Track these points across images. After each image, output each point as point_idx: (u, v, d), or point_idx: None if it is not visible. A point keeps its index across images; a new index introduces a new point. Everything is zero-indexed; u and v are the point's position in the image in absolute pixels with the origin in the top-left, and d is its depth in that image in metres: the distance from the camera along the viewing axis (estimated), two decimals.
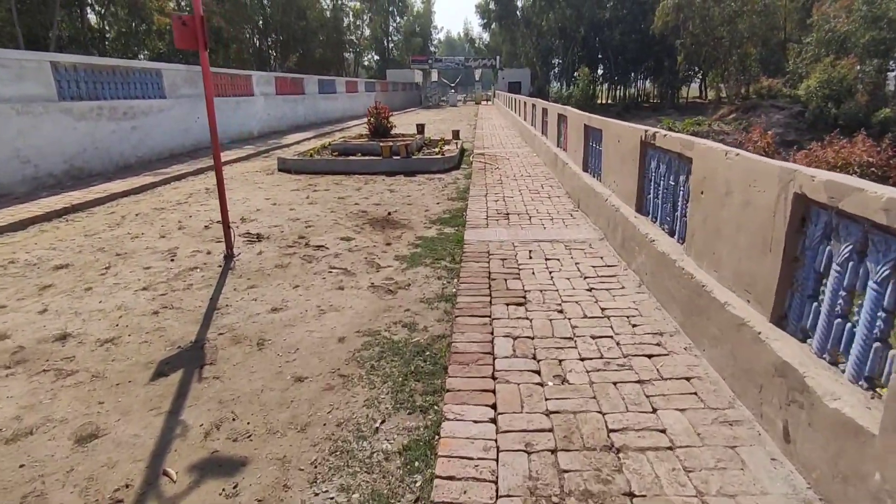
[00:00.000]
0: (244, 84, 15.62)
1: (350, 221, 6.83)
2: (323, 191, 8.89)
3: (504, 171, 10.24)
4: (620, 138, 5.16)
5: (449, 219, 6.81)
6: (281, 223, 6.77)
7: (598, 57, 54.19)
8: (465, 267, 4.82)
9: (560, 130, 9.45)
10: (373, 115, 12.34)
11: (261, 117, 16.66)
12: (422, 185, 9.34)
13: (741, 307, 2.70)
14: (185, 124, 12.30)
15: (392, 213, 7.24)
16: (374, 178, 10.00)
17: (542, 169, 10.23)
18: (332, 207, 7.63)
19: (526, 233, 5.86)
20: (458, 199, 7.99)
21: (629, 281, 4.35)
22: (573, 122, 7.94)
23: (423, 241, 5.88)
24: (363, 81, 31.72)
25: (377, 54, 60.60)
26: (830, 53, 30.08)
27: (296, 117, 19.96)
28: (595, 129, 6.46)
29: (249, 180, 9.94)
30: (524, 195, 7.94)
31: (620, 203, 5.11)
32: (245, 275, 4.90)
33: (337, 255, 5.43)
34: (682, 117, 39.74)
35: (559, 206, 7.18)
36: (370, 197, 8.34)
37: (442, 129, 21.70)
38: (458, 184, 9.36)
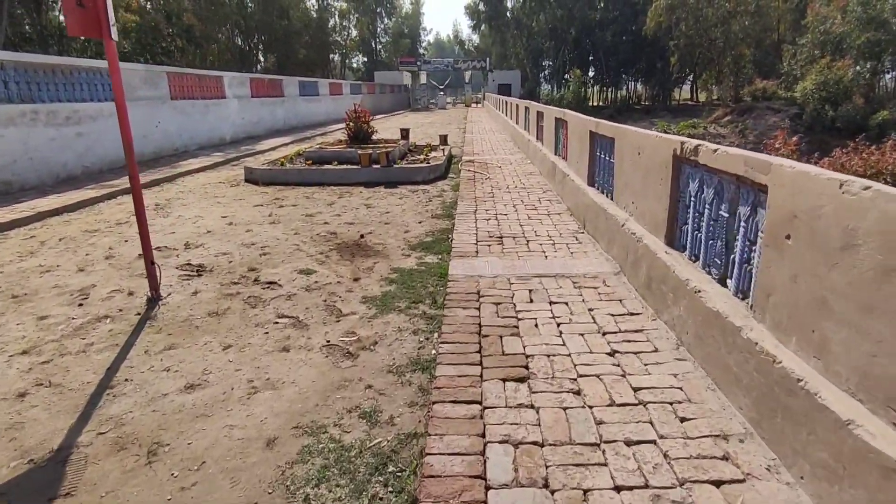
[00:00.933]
0: (214, 86, 14.47)
1: (315, 247, 5.76)
2: (290, 206, 7.80)
3: (496, 181, 9.22)
4: (642, 150, 4.14)
5: (432, 243, 5.76)
6: (232, 250, 5.68)
7: (589, 58, 53.49)
8: (448, 316, 3.77)
9: (558, 137, 8.45)
10: (351, 119, 11.27)
11: (234, 121, 15.51)
12: (403, 198, 8.29)
13: (884, 433, 1.68)
14: (143, 130, 11.14)
15: (365, 235, 6.18)
16: (351, 191, 8.93)
17: (537, 179, 9.22)
18: (297, 228, 6.55)
19: (524, 264, 4.83)
20: (444, 217, 6.95)
21: (662, 339, 3.33)
22: (575, 128, 6.94)
23: (399, 274, 4.83)
24: (348, 83, 30.60)
25: (364, 56, 59.46)
26: (826, 55, 29.50)
27: (274, 121, 18.81)
28: (604, 138, 5.45)
29: (209, 194, 8.83)
30: (519, 212, 6.92)
31: (643, 231, 4.10)
32: (167, 327, 3.82)
33: (290, 297, 4.36)
34: (675, 120, 39.10)
35: (561, 225, 6.16)
36: (343, 214, 7.28)
37: (430, 132, 20.69)
38: (444, 197, 8.31)
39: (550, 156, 8.78)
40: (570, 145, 7.25)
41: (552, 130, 8.84)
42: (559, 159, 8.18)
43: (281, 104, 19.59)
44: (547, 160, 8.89)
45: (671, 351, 3.19)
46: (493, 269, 4.72)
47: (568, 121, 7.48)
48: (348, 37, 51.63)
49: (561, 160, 8.07)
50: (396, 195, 8.52)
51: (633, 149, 4.41)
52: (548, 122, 9.48)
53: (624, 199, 4.74)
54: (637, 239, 4.06)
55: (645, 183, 4.10)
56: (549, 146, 9.30)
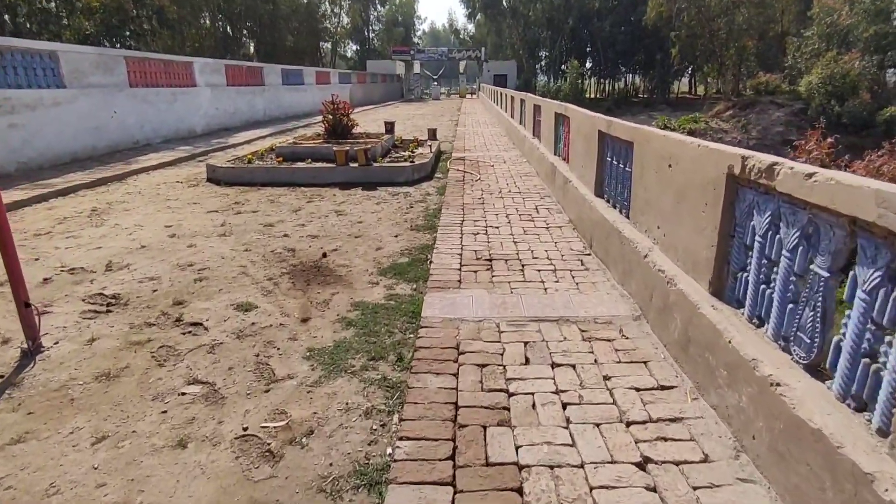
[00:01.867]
0: (183, 72, 13.29)
1: (265, 269, 4.74)
2: (249, 213, 6.76)
3: (488, 183, 8.20)
4: (675, 161, 3.15)
5: (407, 266, 4.76)
6: (162, 273, 4.65)
7: (586, 49, 52.29)
8: (415, 388, 2.78)
9: (558, 135, 7.43)
10: (329, 111, 10.19)
11: (206, 112, 14.35)
12: (381, 203, 7.26)
13: None
14: (95, 121, 10.01)
15: (329, 253, 5.16)
16: (324, 193, 7.89)
17: (534, 181, 8.21)
18: (250, 243, 5.52)
19: (518, 301, 3.83)
20: (425, 230, 5.93)
21: (712, 437, 2.35)
22: (580, 126, 5.92)
23: (360, 312, 3.83)
24: (337, 72, 29.31)
25: (357, 44, 57.86)
26: (832, 48, 28.55)
27: (253, 112, 17.62)
28: (618, 141, 4.44)
29: (161, 196, 7.75)
30: (513, 223, 5.92)
31: (675, 269, 3.11)
32: (30, 401, 2.80)
33: (214, 348, 3.35)
34: (675, 113, 38.14)
35: (562, 243, 5.16)
36: (308, 223, 6.24)
37: (420, 125, 19.60)
38: (427, 202, 7.29)
39: (549, 156, 7.77)
40: (574, 146, 6.24)
41: (551, 127, 7.82)
42: (559, 161, 7.17)
43: (261, 93, 18.38)
44: (545, 160, 7.88)
45: (729, 462, 2.21)
46: (479, 308, 3.73)
47: (570, 117, 6.47)
48: (339, 24, 50.03)
49: (561, 162, 7.06)
50: (374, 199, 7.49)
51: (659, 158, 3.40)
52: (546, 117, 8.46)
53: (645, 221, 3.74)
54: (667, 279, 3.07)
55: (678, 206, 3.10)
56: (547, 145, 8.28)
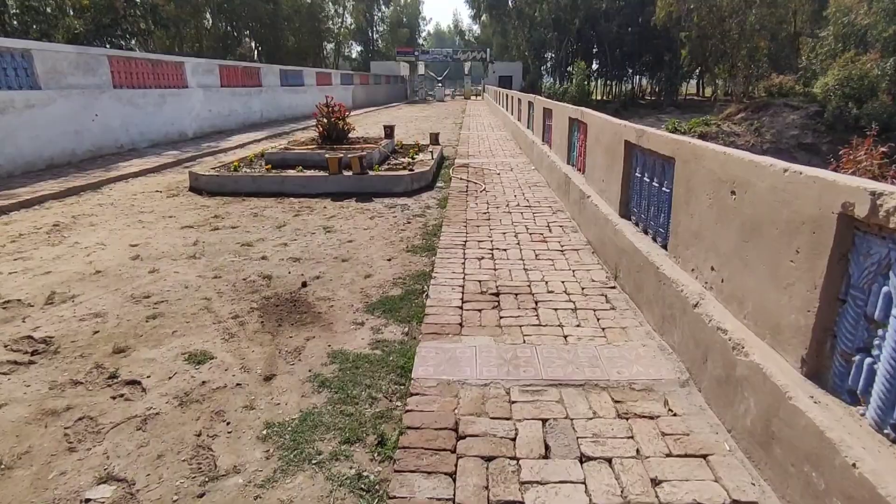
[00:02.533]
0: (173, 73, 12.62)
1: (232, 303, 4.03)
2: (228, 229, 6.05)
3: (494, 193, 7.47)
4: (741, 189, 2.41)
5: (399, 301, 4.03)
6: (111, 308, 3.95)
7: (592, 51, 51.45)
8: (398, 498, 2.05)
9: (573, 142, 6.70)
10: (323, 114, 9.48)
11: (198, 114, 13.67)
12: (376, 217, 6.54)
13: None
14: (75, 124, 9.34)
15: (310, 282, 4.45)
16: (314, 205, 7.18)
17: (544, 193, 7.47)
18: (221, 268, 4.81)
19: (532, 355, 3.10)
20: (423, 251, 5.21)
21: None
22: (600, 134, 5.18)
23: (338, 366, 3.12)
24: (339, 73, 28.63)
25: (361, 45, 57.24)
26: (849, 48, 27.64)
27: (249, 114, 16.94)
28: (653, 156, 3.70)
29: (135, 207, 7.07)
30: (523, 245, 5.18)
31: (743, 332, 2.37)
32: None
33: (146, 422, 2.64)
34: (684, 116, 37.30)
35: (582, 272, 4.42)
36: (291, 243, 5.53)
37: (423, 128, 18.90)
38: (427, 217, 6.56)
39: (562, 165, 7.03)
40: (592, 156, 5.49)
41: (564, 133, 7.08)
42: (574, 171, 6.43)
43: (258, 95, 17.70)
44: (557, 170, 7.14)
45: None
46: (485, 365, 3.00)
47: (588, 123, 5.72)
48: (342, 24, 49.43)
49: (576, 173, 6.32)
50: (368, 213, 6.77)
51: (715, 182, 2.67)
52: (558, 122, 7.72)
53: (692, 258, 3.00)
54: (732, 343, 2.34)
55: (746, 246, 2.37)
56: (559, 153, 7.54)
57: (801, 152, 26.07)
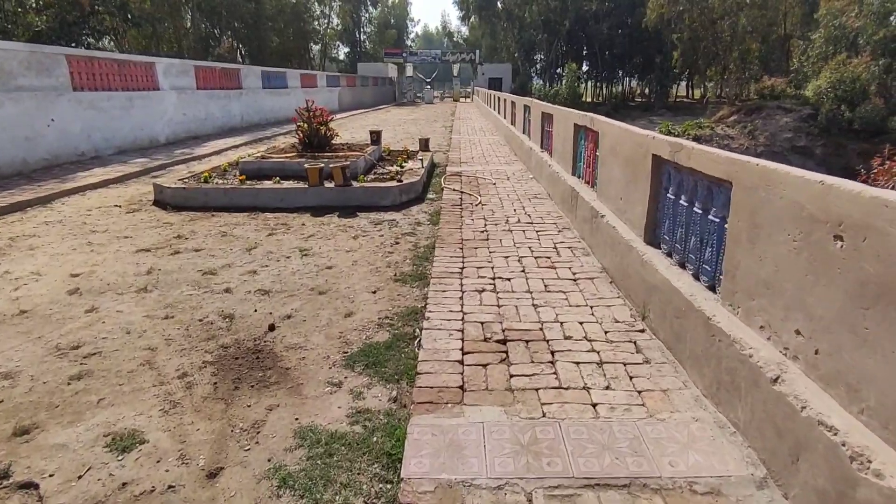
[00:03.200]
0: (142, 74, 11.77)
1: (180, 355, 3.30)
2: (191, 252, 5.29)
3: (490, 207, 6.79)
4: (856, 234, 1.76)
5: (385, 349, 3.33)
6: (27, 362, 3.19)
7: (583, 52, 51.17)
8: None
9: (579, 152, 6.04)
10: (304, 119, 8.74)
11: (171, 118, 12.82)
12: (360, 236, 5.82)
13: None
14: (26, 130, 8.49)
15: (280, 322, 3.73)
16: (291, 222, 6.44)
17: (546, 207, 6.80)
18: (176, 303, 4.07)
19: (555, 437, 2.40)
20: (413, 280, 4.51)
21: None
22: (617, 145, 4.52)
23: (307, 450, 2.42)
24: (324, 75, 27.79)
25: (348, 46, 56.30)
26: (840, 51, 27.47)
27: (228, 118, 16.09)
28: (697, 176, 3.04)
29: (87, 226, 6.27)
30: (529, 271, 4.50)
31: (861, 431, 1.70)
32: None
33: None
34: (675, 119, 37.03)
35: (601, 308, 3.75)
36: (262, 270, 4.80)
37: (412, 131, 18.20)
38: (417, 235, 5.86)
39: (566, 176, 6.37)
40: (606, 169, 4.83)
41: (568, 141, 6.43)
42: (582, 185, 5.77)
43: (238, 98, 16.86)
44: (560, 181, 6.48)
45: None
46: (496, 455, 2.30)
47: (599, 132, 5.06)
48: (328, 25, 48.47)
49: (585, 187, 5.66)
50: (351, 231, 6.05)
51: (806, 221, 2.00)
52: (561, 128, 7.07)
53: (764, 314, 2.33)
54: (851, 453, 1.67)
55: (860, 315, 1.71)
56: (562, 162, 6.88)
57: (796, 155, 25.78)
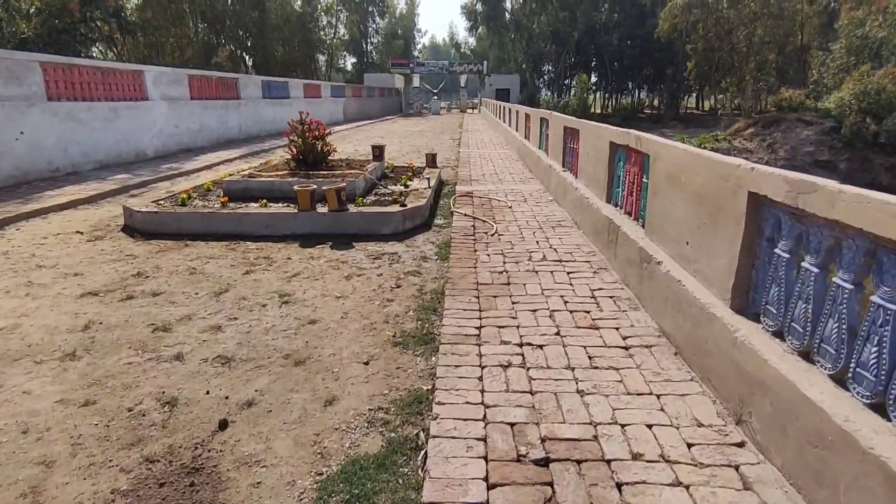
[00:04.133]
0: (130, 83, 10.95)
1: (84, 476, 2.33)
2: (146, 297, 4.34)
3: (509, 238, 5.81)
4: None
5: (375, 470, 2.34)
6: None
7: (592, 64, 50.43)
8: None
9: (617, 175, 5.06)
10: (297, 133, 7.83)
11: (161, 130, 11.98)
12: (354, 277, 4.85)
13: None
14: None
15: (237, 414, 2.76)
16: (275, 254, 5.49)
17: (575, 237, 5.81)
18: (104, 379, 3.11)
19: None
20: (418, 344, 3.52)
21: None
22: (679, 171, 3.53)
23: None
24: (329, 85, 27.07)
25: (354, 56, 55.85)
26: (862, 62, 26.45)
27: (225, 129, 15.27)
28: (833, 230, 2.04)
29: (36, 258, 5.34)
30: (566, 335, 3.50)
31: None
32: None
33: None
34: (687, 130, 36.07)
35: (674, 402, 2.74)
36: (228, 324, 3.83)
37: (418, 144, 17.34)
38: (423, 275, 4.88)
39: (599, 203, 5.39)
40: (662, 203, 3.84)
41: (601, 161, 5.46)
42: (622, 217, 4.78)
43: (235, 108, 16.05)
44: (591, 209, 5.50)
45: None
46: None
47: (650, 154, 4.08)
48: (335, 35, 47.98)
49: (627, 220, 4.67)
50: (344, 268, 5.08)
51: None
52: (590, 146, 6.11)
53: None
54: None
55: None
56: (592, 185, 5.90)
57: (818, 170, 24.65)
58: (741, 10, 29.23)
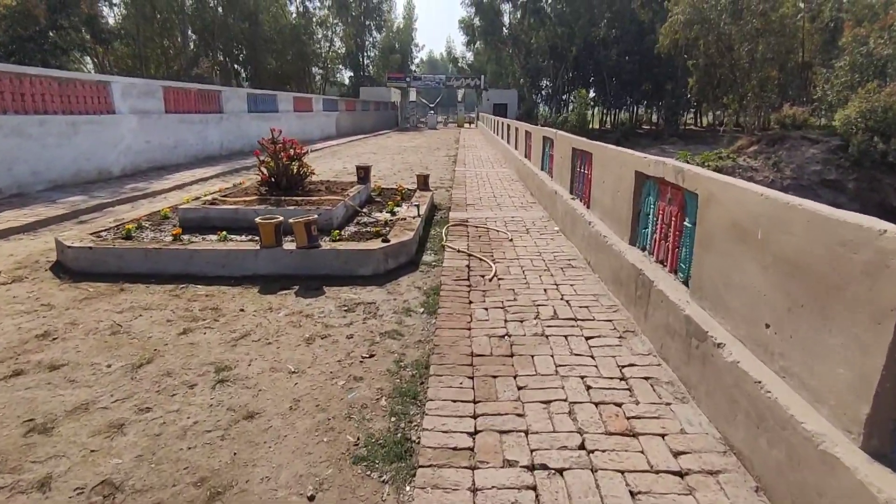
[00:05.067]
0: (93, 95, 10.02)
1: None
2: (39, 373, 3.33)
3: (511, 283, 4.84)
4: None
5: None
6: None
7: (590, 79, 50.03)
8: None
9: (645, 213, 4.11)
10: (268, 153, 6.88)
11: (129, 146, 11.03)
12: (317, 339, 3.85)
13: None
14: None
15: None
16: (227, 304, 4.50)
17: (590, 283, 4.84)
18: None
19: None
20: (387, 463, 2.52)
21: None
22: (767, 230, 2.57)
23: None
24: (321, 98, 26.26)
25: (351, 70, 55.33)
26: (867, 79, 25.89)
27: (204, 145, 14.33)
28: None
29: None
30: (594, 449, 2.51)
31: None
32: None
33: None
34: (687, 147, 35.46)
35: None
36: (135, 421, 2.83)
37: (411, 161, 16.47)
38: (404, 338, 3.88)
39: (621, 246, 4.44)
40: (724, 262, 2.87)
41: (623, 195, 4.52)
42: (656, 268, 3.81)
43: (217, 122, 15.13)
44: (610, 251, 4.55)
45: None
46: None
47: (701, 194, 3.12)
48: (331, 48, 47.43)
49: (661, 271, 3.71)
50: (307, 324, 4.09)
51: None
52: (607, 174, 5.18)
53: None
54: None
55: None
56: (610, 221, 4.96)
57: (826, 190, 23.94)
58: (742, 26, 28.70)
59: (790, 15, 30.37)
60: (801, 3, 31.71)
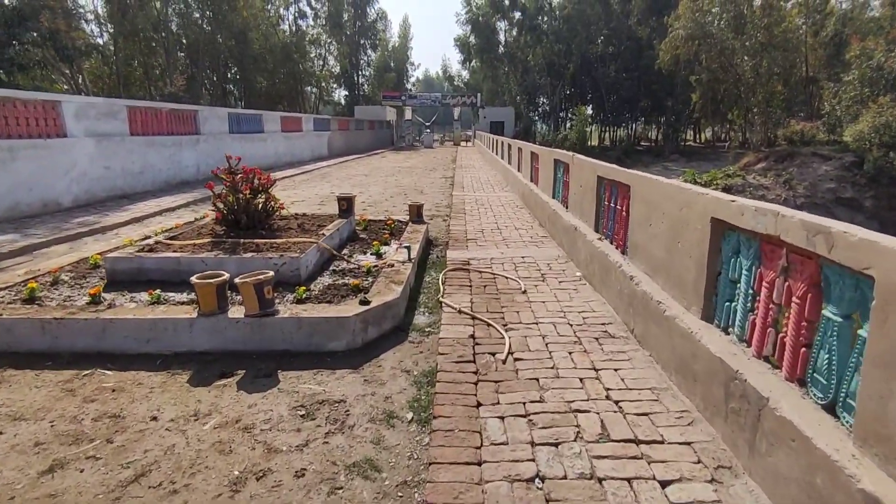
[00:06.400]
0: (37, 115, 8.80)
1: None
2: None
3: (532, 367, 3.55)
4: None
5: None
6: None
7: (588, 96, 49.39)
8: None
9: (729, 279, 2.83)
10: (227, 186, 5.63)
11: (84, 173, 9.79)
12: (249, 480, 2.53)
13: None
14: None
15: None
16: (137, 403, 3.19)
17: (641, 366, 3.55)
18: None
19: None
20: None
21: None
22: None
23: None
24: (311, 118, 25.17)
25: (346, 89, 54.58)
26: (879, 93, 25.00)
27: (178, 170, 13.10)
28: None
29: None
30: None
31: None
32: None
33: None
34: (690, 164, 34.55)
35: None
36: None
37: (405, 183, 15.29)
38: (381, 478, 2.56)
39: (689, 321, 3.17)
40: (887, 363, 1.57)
41: (690, 247, 3.27)
42: (757, 365, 2.52)
43: (192, 145, 13.93)
44: (671, 326, 3.29)
45: None
46: None
47: (824, 255, 1.85)
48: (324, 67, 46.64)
49: (766, 370, 2.41)
50: (242, 447, 2.78)
51: None
52: (652, 214, 3.94)
53: None
54: None
55: None
56: (667, 280, 3.69)
57: (841, 208, 22.83)
58: (745, 40, 27.95)
59: (793, 29, 29.70)
60: (800, 20, 31.04)
